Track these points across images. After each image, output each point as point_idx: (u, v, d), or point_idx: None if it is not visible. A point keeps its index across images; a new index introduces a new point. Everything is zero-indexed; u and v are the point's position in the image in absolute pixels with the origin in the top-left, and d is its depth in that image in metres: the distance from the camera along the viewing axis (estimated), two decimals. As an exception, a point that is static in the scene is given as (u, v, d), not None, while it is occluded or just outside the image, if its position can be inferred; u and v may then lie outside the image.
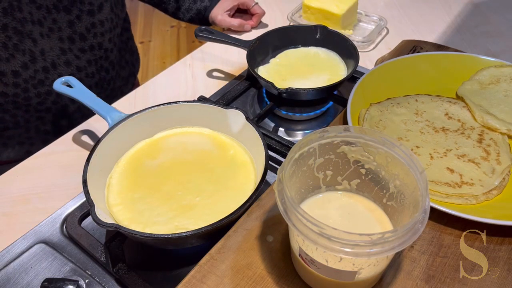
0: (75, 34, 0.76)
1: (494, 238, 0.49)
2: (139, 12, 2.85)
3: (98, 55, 0.81)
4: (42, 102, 0.78)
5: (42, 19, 0.70)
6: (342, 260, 0.39)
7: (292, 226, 0.38)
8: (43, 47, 0.73)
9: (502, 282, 0.45)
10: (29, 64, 0.72)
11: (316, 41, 0.79)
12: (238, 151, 0.61)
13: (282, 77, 0.73)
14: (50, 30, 0.73)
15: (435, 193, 0.52)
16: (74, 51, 0.77)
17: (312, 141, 0.44)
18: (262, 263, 0.47)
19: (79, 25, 0.75)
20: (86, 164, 0.53)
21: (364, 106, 0.63)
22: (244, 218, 0.51)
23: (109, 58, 0.85)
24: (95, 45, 0.80)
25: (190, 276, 0.46)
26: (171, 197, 0.55)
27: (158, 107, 0.61)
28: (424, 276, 0.46)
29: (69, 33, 0.75)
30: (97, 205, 0.48)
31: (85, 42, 0.78)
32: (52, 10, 0.71)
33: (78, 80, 0.64)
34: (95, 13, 0.77)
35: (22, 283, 0.52)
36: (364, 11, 0.95)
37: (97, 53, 0.81)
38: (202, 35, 0.78)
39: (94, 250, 0.54)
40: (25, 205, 0.61)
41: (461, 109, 0.64)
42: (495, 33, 0.91)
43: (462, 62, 0.70)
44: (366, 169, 0.47)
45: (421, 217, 0.37)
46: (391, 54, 0.77)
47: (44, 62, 0.74)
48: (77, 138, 0.71)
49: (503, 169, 0.55)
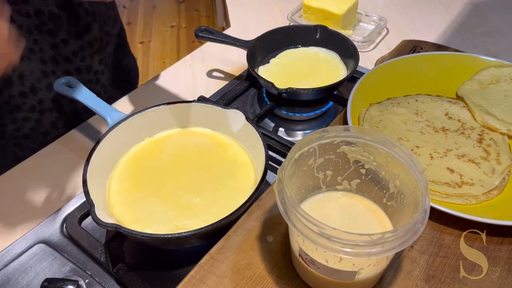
0: (59, 56, 0.68)
1: (494, 238, 0.49)
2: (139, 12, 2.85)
3: (86, 78, 0.73)
4: (18, 129, 0.71)
5: None
6: (342, 260, 0.39)
7: (292, 226, 0.38)
8: (22, 71, 0.65)
9: (502, 282, 0.45)
10: (3, 90, 0.66)
11: (316, 41, 0.79)
12: (238, 151, 0.61)
13: (282, 77, 0.73)
14: (30, 52, 0.65)
15: (435, 193, 0.52)
16: (58, 73, 0.69)
17: (312, 141, 0.44)
18: (262, 263, 0.47)
19: (64, 48, 0.68)
20: (86, 164, 0.53)
21: (364, 106, 0.63)
22: (244, 218, 0.51)
23: (100, 81, 0.77)
24: (82, 68, 0.72)
25: (190, 276, 0.46)
26: (171, 197, 0.55)
27: (158, 107, 0.61)
28: (424, 276, 0.46)
29: (51, 54, 0.67)
30: (97, 205, 0.48)
31: (70, 65, 0.70)
32: (34, 31, 0.64)
33: (78, 81, 0.64)
34: (83, 35, 0.70)
35: (22, 283, 0.52)
36: (364, 11, 0.95)
37: (85, 76, 0.73)
38: (202, 35, 0.78)
39: (94, 250, 0.54)
40: (25, 205, 0.61)
41: (461, 109, 0.64)
42: (495, 33, 0.91)
43: (462, 62, 0.70)
44: (366, 169, 0.47)
45: (421, 217, 0.37)
46: (391, 54, 0.77)
47: (22, 87, 0.67)
48: (77, 138, 0.71)
49: (503, 169, 0.55)
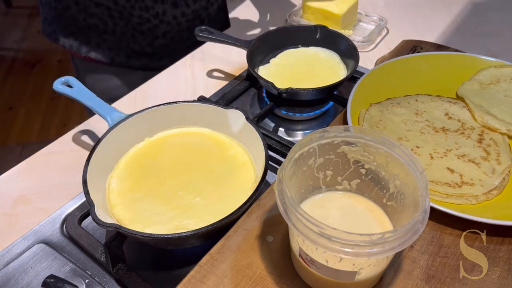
0: None
1: (494, 238, 0.49)
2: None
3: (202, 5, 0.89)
4: (140, 24, 0.87)
5: None
6: (342, 260, 0.39)
7: (292, 226, 0.38)
8: None
9: (502, 282, 0.45)
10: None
11: (316, 41, 0.79)
12: (238, 151, 0.61)
13: (282, 77, 0.73)
14: None
15: (435, 193, 0.52)
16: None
17: (312, 141, 0.44)
18: (262, 263, 0.47)
19: None
20: (86, 164, 0.53)
21: (364, 106, 0.63)
22: (244, 218, 0.51)
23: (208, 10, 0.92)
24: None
25: (190, 276, 0.46)
26: (171, 197, 0.55)
27: (158, 107, 0.61)
28: (424, 276, 0.46)
29: None
30: (97, 205, 0.48)
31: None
32: None
33: (77, 80, 0.64)
34: None
35: (22, 283, 0.52)
36: (364, 11, 0.95)
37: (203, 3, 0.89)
38: (202, 35, 0.78)
39: (94, 250, 0.54)
40: (25, 205, 0.61)
41: (461, 109, 0.64)
42: (495, 33, 0.91)
43: (462, 62, 0.70)
44: (366, 169, 0.47)
45: (421, 217, 0.37)
46: (391, 54, 0.77)
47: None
48: (77, 138, 0.71)
49: (503, 169, 0.55)
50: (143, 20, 0.86)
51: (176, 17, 0.88)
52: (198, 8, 0.90)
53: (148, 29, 0.88)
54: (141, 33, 0.88)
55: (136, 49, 0.92)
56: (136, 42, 0.90)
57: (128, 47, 0.91)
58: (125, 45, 0.91)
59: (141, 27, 0.87)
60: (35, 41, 2.71)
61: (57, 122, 2.20)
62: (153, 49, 0.92)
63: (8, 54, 2.65)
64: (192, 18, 0.90)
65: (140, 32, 0.88)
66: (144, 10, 0.84)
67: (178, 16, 0.88)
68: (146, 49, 0.92)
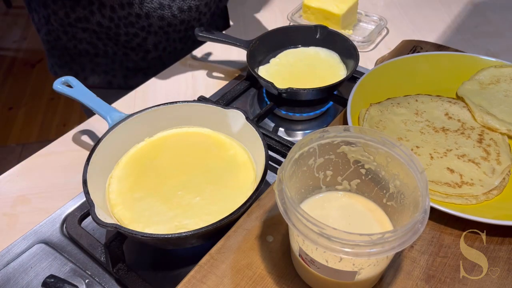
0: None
1: (494, 238, 0.49)
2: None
3: (192, 16, 0.86)
4: (128, 41, 0.85)
5: None
6: (342, 260, 0.39)
7: (292, 226, 0.38)
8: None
9: (502, 282, 0.45)
10: (126, 6, 0.79)
11: (316, 41, 0.79)
12: (238, 151, 0.61)
13: (282, 77, 0.73)
14: None
15: (435, 193, 0.52)
16: (172, 8, 0.82)
17: (312, 141, 0.44)
18: (262, 263, 0.47)
19: None
20: (86, 164, 0.53)
21: (364, 106, 0.63)
22: (244, 218, 0.51)
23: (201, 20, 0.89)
24: (192, 6, 0.85)
25: (190, 276, 0.46)
26: (171, 197, 0.55)
27: (158, 107, 0.61)
28: (424, 276, 0.46)
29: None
30: (97, 205, 0.48)
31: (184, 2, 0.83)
32: None
33: (77, 80, 0.64)
34: None
35: (22, 283, 0.52)
36: (364, 11, 0.95)
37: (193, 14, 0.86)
38: (202, 35, 0.78)
39: (94, 250, 0.54)
40: (25, 205, 0.61)
41: (461, 109, 0.64)
42: (495, 33, 0.91)
43: (462, 62, 0.70)
44: (366, 169, 0.47)
45: (421, 217, 0.37)
46: (391, 54, 0.77)
47: (140, 11, 0.81)
48: (77, 138, 0.71)
49: (503, 169, 0.55)
50: (131, 36, 0.84)
51: (162, 27, 0.85)
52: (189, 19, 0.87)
53: (137, 44, 0.87)
54: (132, 49, 0.88)
55: (131, 66, 0.91)
56: (130, 60, 0.90)
57: (122, 66, 0.90)
58: (119, 65, 0.90)
59: (131, 44, 0.86)
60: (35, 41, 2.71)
61: (57, 122, 2.20)
62: (148, 64, 0.91)
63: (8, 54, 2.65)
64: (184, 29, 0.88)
65: (131, 49, 0.87)
66: (130, 26, 0.83)
67: (164, 26, 0.85)
68: (140, 64, 0.91)
